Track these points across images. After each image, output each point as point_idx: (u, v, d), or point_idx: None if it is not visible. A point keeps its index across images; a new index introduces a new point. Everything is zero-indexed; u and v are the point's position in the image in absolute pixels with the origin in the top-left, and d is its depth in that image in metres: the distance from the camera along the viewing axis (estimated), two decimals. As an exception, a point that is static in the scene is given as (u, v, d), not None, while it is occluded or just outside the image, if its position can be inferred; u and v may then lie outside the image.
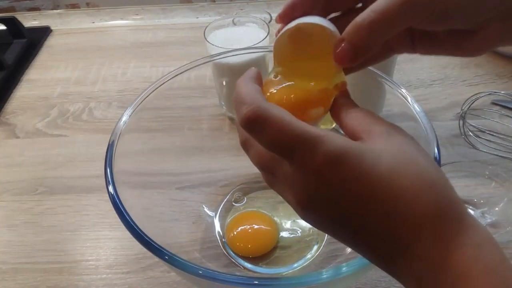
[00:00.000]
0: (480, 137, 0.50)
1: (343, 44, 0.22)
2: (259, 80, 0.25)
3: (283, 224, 0.42)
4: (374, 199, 0.19)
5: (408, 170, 0.19)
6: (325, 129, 0.20)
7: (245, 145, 0.24)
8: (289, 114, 0.20)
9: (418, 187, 0.19)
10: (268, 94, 0.24)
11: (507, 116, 0.52)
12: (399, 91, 0.35)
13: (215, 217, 0.43)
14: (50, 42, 0.74)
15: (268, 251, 0.40)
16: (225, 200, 0.45)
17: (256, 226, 0.42)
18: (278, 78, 0.25)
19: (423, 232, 0.19)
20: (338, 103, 0.24)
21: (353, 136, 0.22)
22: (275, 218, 0.43)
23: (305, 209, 0.21)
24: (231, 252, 0.40)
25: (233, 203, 0.44)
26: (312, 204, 0.20)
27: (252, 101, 0.21)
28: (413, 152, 0.21)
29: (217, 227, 0.42)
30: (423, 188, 0.19)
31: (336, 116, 0.24)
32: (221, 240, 0.41)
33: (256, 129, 0.20)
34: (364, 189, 0.19)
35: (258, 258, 0.39)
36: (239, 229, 0.41)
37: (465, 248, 0.18)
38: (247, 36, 0.50)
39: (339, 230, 0.21)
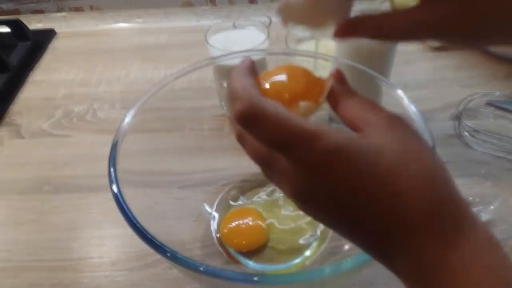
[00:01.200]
0: (475, 137, 0.50)
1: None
2: (253, 70, 0.24)
3: (284, 220, 0.43)
4: (370, 197, 0.19)
5: (407, 167, 0.19)
6: (321, 122, 0.20)
7: (240, 140, 0.24)
8: (284, 109, 0.20)
9: (416, 185, 0.19)
10: (266, 84, 0.24)
11: (502, 116, 0.52)
12: (396, 92, 0.35)
13: (216, 215, 0.44)
14: (55, 44, 0.75)
15: (262, 243, 0.40)
16: (225, 198, 0.45)
17: (245, 222, 0.42)
18: (276, 69, 0.25)
19: (418, 231, 0.18)
20: (336, 92, 0.23)
21: (352, 126, 0.22)
22: (275, 215, 0.43)
23: (302, 203, 0.21)
24: (232, 250, 0.40)
25: (230, 202, 0.45)
26: (308, 199, 0.20)
27: (246, 96, 0.20)
28: (414, 147, 0.20)
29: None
30: (421, 186, 0.19)
31: (334, 106, 0.23)
32: (218, 237, 0.42)
33: (251, 125, 0.20)
34: (360, 187, 0.19)
35: (258, 256, 0.40)
36: (230, 226, 0.42)
37: (463, 248, 0.18)
38: (247, 39, 0.51)
39: (337, 225, 0.21)
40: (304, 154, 0.19)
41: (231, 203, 0.45)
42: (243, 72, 0.23)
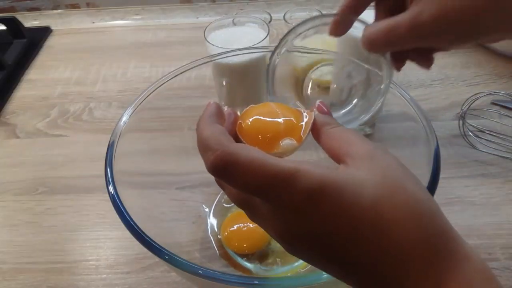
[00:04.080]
0: (480, 137, 0.50)
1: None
2: (220, 115, 0.23)
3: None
4: (357, 236, 0.18)
5: (393, 200, 0.18)
6: (301, 161, 0.19)
7: (220, 184, 0.23)
8: (259, 152, 0.19)
9: (405, 219, 0.18)
10: (246, 123, 0.23)
11: (507, 116, 0.52)
12: (399, 91, 0.35)
13: (215, 217, 0.43)
14: (50, 42, 0.74)
15: (263, 247, 0.40)
16: (224, 200, 0.44)
17: (246, 225, 0.41)
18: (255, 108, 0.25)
19: (411, 269, 0.17)
20: (318, 123, 0.23)
21: (335, 158, 0.21)
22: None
23: (290, 246, 0.20)
24: (232, 253, 0.40)
25: (226, 204, 0.44)
26: (295, 241, 0.20)
27: (217, 145, 0.19)
28: (399, 178, 0.19)
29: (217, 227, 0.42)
30: (410, 220, 0.18)
31: (317, 137, 0.23)
32: (217, 239, 0.41)
33: (225, 175, 0.19)
34: (346, 225, 0.18)
35: (258, 259, 0.39)
36: (231, 229, 0.41)
37: (458, 282, 0.17)
38: (247, 36, 0.50)
39: (327, 266, 0.20)
40: (285, 197, 0.18)
41: (226, 205, 0.44)
42: (210, 119, 0.22)
